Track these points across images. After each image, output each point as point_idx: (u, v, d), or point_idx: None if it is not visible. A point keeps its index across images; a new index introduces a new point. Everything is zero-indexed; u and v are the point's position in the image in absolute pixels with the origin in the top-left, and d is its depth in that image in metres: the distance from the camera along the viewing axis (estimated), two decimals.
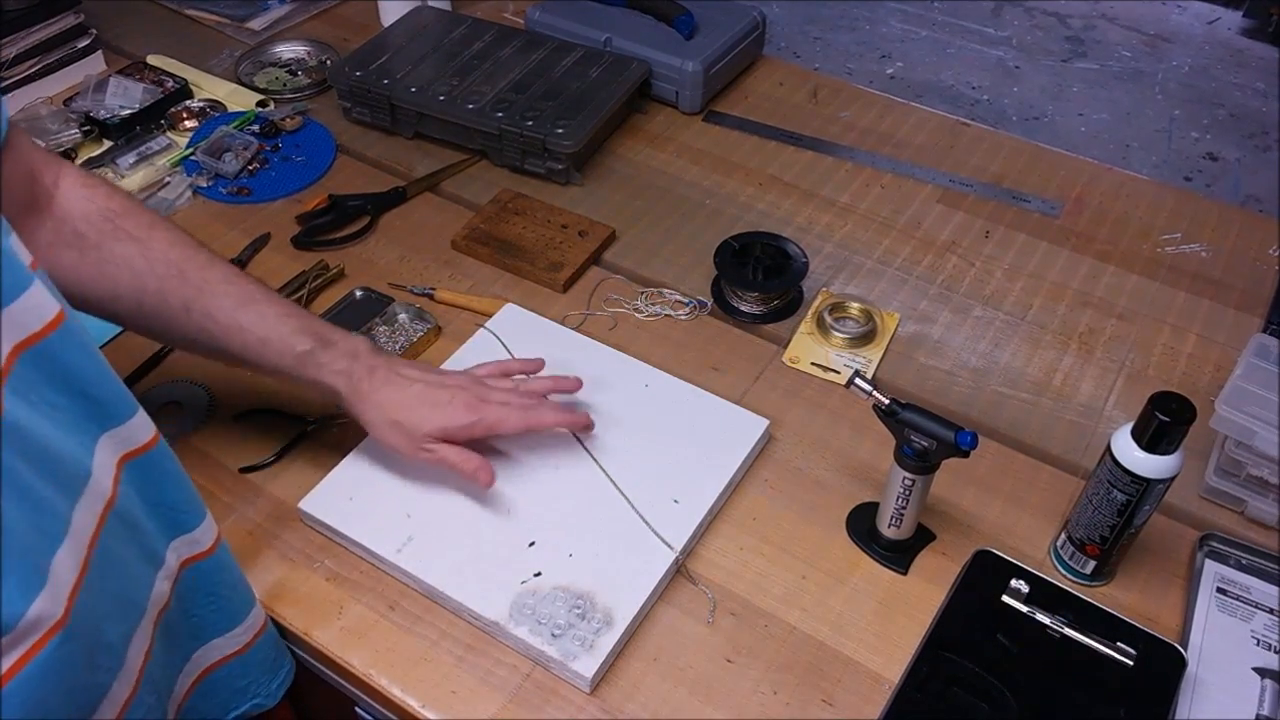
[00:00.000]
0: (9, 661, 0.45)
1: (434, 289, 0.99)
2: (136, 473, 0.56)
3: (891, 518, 0.76)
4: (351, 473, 0.82)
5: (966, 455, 0.70)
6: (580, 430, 0.83)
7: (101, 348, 0.90)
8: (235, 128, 1.17)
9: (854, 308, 0.98)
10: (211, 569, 0.64)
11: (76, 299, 0.72)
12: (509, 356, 0.90)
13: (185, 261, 0.73)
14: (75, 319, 0.51)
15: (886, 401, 0.72)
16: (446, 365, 0.90)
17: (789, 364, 0.94)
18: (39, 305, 0.49)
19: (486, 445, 0.82)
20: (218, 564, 0.65)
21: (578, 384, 0.84)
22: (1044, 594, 0.73)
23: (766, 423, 0.86)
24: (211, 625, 0.66)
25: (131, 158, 1.12)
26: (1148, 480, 0.69)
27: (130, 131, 1.16)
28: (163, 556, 0.59)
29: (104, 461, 0.53)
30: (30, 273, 0.48)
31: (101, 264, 0.71)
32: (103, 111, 1.17)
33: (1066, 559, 0.78)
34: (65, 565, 0.48)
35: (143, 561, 0.58)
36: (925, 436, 0.70)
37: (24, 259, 0.49)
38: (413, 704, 0.70)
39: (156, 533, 0.59)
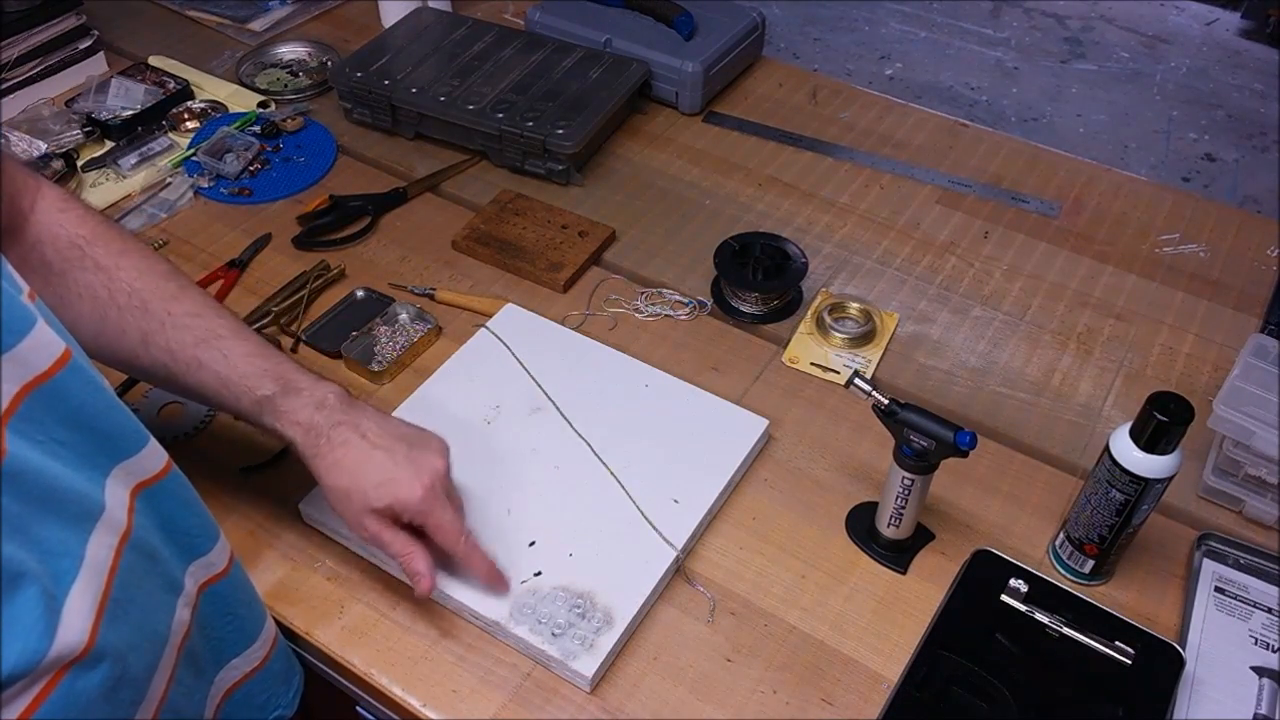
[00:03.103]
0: (24, 703, 0.45)
1: (434, 289, 0.99)
2: (151, 502, 0.56)
3: (891, 517, 0.76)
4: None
5: (965, 455, 0.70)
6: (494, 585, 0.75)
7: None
8: (236, 128, 1.17)
9: (853, 308, 0.98)
10: (227, 589, 0.64)
11: None
12: (510, 356, 0.90)
13: (150, 292, 0.70)
14: (81, 354, 0.50)
15: (886, 401, 0.72)
16: (448, 364, 0.90)
17: (788, 364, 0.94)
18: (46, 344, 0.48)
19: (489, 442, 0.82)
20: (233, 583, 0.64)
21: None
22: (1043, 593, 0.73)
23: (766, 423, 0.86)
24: (231, 645, 0.66)
25: (133, 158, 1.13)
26: (1146, 480, 0.70)
27: (132, 132, 1.16)
28: (182, 583, 0.59)
29: (117, 494, 0.52)
30: (33, 311, 0.48)
31: (64, 293, 0.69)
32: (104, 112, 1.17)
33: (1065, 558, 0.78)
34: (82, 601, 0.48)
35: (164, 590, 0.57)
36: (924, 436, 0.70)
37: (21, 290, 0.48)
38: (413, 703, 0.71)
39: (174, 560, 0.58)
